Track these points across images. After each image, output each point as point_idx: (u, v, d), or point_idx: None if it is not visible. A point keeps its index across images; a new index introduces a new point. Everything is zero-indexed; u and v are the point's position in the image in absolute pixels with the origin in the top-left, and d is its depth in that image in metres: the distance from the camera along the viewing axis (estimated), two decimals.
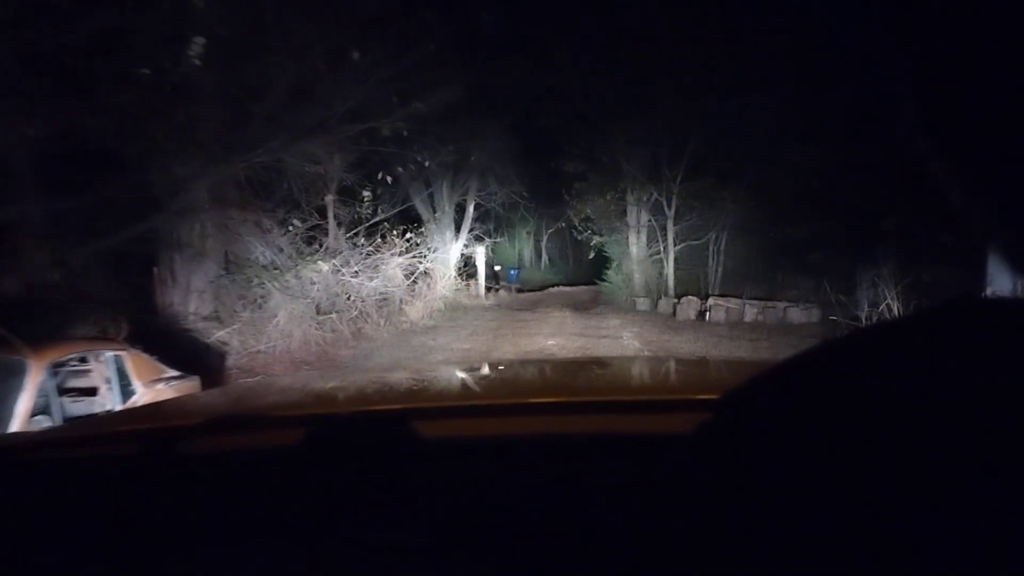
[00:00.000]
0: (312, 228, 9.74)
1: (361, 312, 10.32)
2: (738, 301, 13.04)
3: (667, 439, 0.77)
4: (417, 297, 12.24)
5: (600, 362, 3.64)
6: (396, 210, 11.09)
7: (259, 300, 8.48)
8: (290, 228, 8.10)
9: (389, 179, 8.30)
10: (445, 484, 0.96)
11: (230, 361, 7.93)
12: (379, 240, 11.06)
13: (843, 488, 0.37)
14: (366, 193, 8.56)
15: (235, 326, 8.09)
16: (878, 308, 12.59)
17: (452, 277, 14.76)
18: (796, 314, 12.59)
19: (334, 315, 9.08)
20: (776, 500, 0.40)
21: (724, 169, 13.96)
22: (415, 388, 1.86)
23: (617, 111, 13.93)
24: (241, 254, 8.44)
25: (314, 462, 1.02)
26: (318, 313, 9.05)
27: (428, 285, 13.09)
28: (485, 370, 2.40)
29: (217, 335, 7.97)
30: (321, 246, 9.87)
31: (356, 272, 10.19)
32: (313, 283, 8.90)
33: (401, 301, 11.92)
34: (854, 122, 13.58)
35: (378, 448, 1.01)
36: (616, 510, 0.72)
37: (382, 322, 10.59)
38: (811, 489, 0.38)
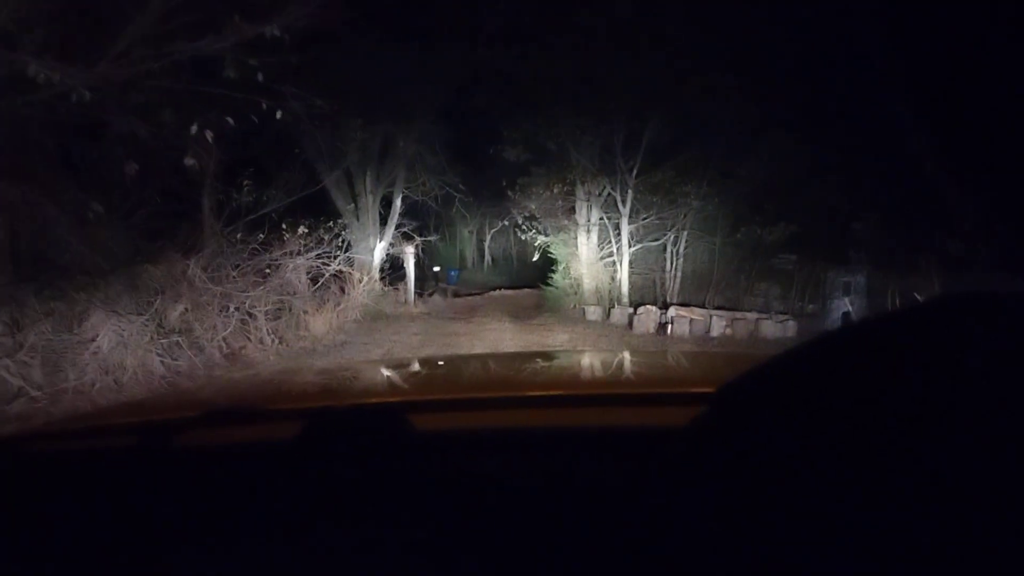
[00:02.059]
0: (174, 218, 7.18)
1: (243, 328, 7.85)
2: (703, 312, 11.06)
3: (663, 432, 0.71)
4: (326, 306, 9.78)
5: (596, 355, 3.45)
6: (290, 199, 8.49)
7: (76, 318, 5.92)
8: (90, 214, 5.46)
9: (218, 127, 5.54)
10: (442, 477, 0.94)
11: (17, 406, 5.36)
12: (277, 236, 8.61)
13: (835, 481, 0.36)
14: (191, 158, 5.76)
15: (26, 354, 5.51)
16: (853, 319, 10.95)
17: (375, 281, 12.33)
18: (770, 327, 10.67)
19: (180, 337, 6.54)
20: (769, 492, 0.39)
21: (686, 161, 11.94)
22: (412, 381, 1.88)
23: (564, 92, 11.72)
24: (49, 254, 5.86)
25: (311, 456, 1.00)
26: (167, 333, 6.52)
27: (344, 290, 10.66)
28: (481, 363, 2.40)
29: None
30: (185, 243, 7.33)
31: (235, 277, 7.72)
32: (159, 292, 6.36)
33: (304, 312, 9.48)
34: (830, 113, 11.89)
35: (375, 442, 1.00)
36: (613, 502, 0.68)
37: (272, 340, 8.11)
38: (804, 482, 0.37)
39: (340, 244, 9.85)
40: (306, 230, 8.46)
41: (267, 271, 8.02)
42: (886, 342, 0.42)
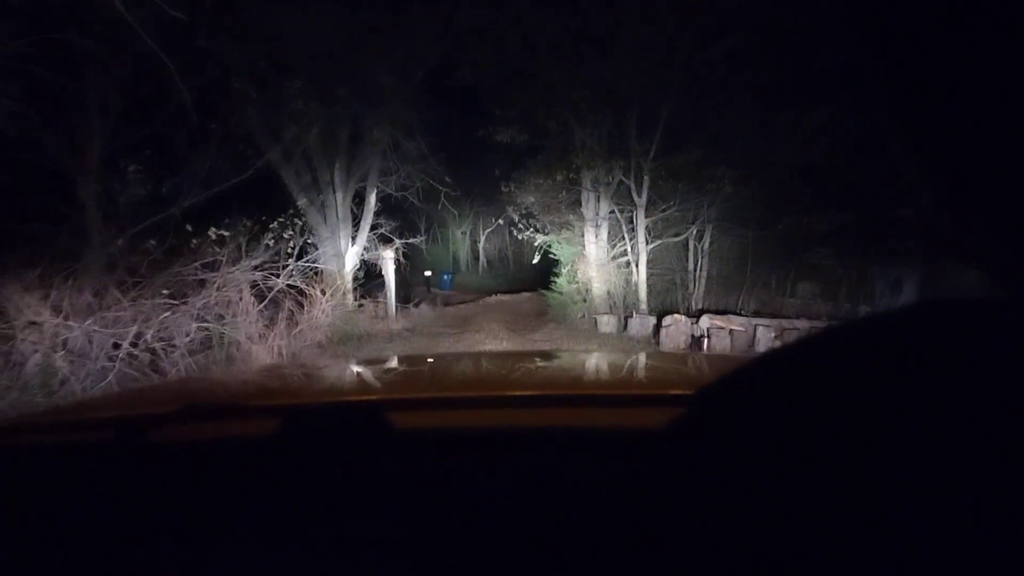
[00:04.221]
0: (23, 222, 4.87)
1: (152, 367, 5.58)
2: (742, 320, 8.78)
3: (641, 433, 0.72)
4: (274, 330, 7.49)
5: (578, 355, 3.26)
6: (210, 191, 6.01)
7: None
8: None
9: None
10: (420, 476, 0.92)
11: None
12: (201, 242, 6.32)
13: (812, 484, 0.36)
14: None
15: None
16: None
17: (346, 292, 10.03)
18: None
19: None
20: (746, 494, 0.39)
21: (715, 138, 9.62)
22: (391, 379, 1.83)
23: (566, 60, 9.42)
24: None
25: (288, 452, 0.97)
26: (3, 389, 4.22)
27: (306, 306, 8.39)
28: (461, 362, 2.31)
29: None
30: (46, 255, 5.01)
31: (133, 300, 5.43)
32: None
33: (248, 339, 7.20)
34: (879, 76, 9.66)
35: (353, 439, 0.98)
36: (590, 503, 0.67)
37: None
38: (780, 485, 0.37)
39: (291, 250, 7.52)
40: (225, 233, 6.11)
41: (189, 284, 5.65)
42: (861, 346, 0.40)
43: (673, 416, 0.50)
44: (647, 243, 10.37)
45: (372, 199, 10.60)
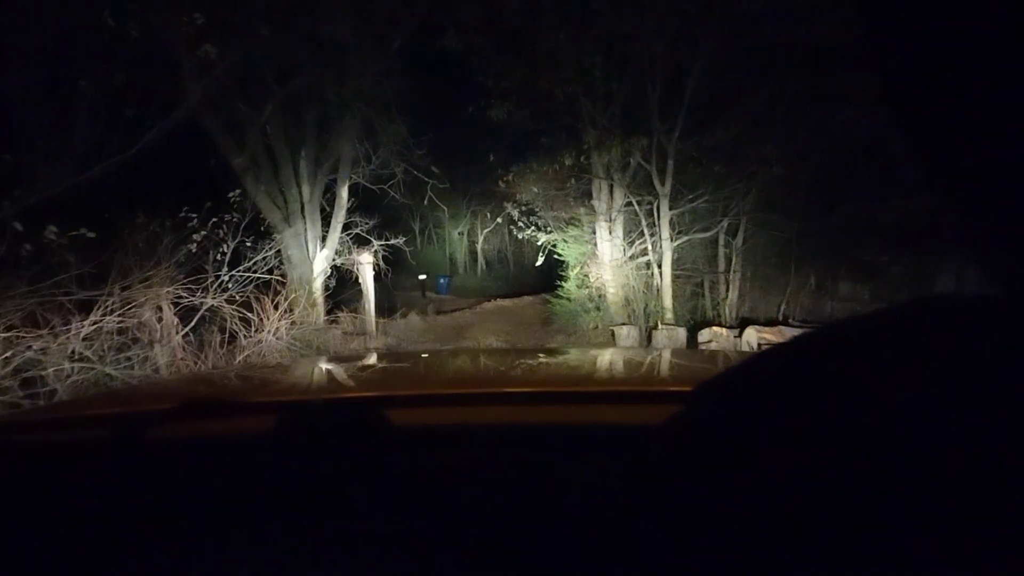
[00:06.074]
0: None
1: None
2: (796, 333, 7.02)
3: (639, 430, 0.69)
4: (206, 361, 5.70)
5: (575, 352, 3.07)
6: (73, 179, 4.08)
7: None
8: None
9: None
10: (417, 473, 0.91)
11: None
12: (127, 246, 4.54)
13: (811, 484, 0.35)
14: None
15: None
16: None
17: (315, 305, 8.23)
18: None
19: None
20: (744, 494, 0.38)
21: (750, 115, 7.78)
22: (388, 376, 1.77)
23: (572, 18, 7.62)
24: None
25: (286, 449, 0.95)
26: None
27: (256, 322, 6.62)
28: (459, 358, 2.24)
29: None
30: None
31: None
32: None
33: (169, 368, 5.43)
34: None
35: (350, 436, 0.95)
36: (587, 499, 0.67)
37: None
38: (780, 484, 0.36)
39: (221, 256, 5.72)
40: (91, 234, 4.23)
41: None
42: (860, 345, 0.39)
43: (671, 413, 0.48)
44: (671, 240, 8.56)
45: (344, 193, 8.77)
